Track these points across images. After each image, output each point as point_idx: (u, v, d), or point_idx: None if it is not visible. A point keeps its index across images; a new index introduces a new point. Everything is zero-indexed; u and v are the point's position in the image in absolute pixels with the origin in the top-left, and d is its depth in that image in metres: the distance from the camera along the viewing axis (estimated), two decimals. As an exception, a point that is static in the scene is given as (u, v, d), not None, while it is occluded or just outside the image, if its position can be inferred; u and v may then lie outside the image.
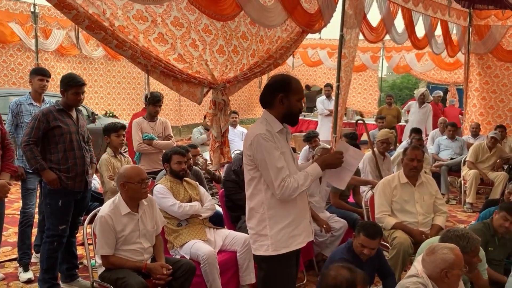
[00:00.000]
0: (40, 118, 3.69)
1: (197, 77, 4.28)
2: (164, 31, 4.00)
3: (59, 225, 3.77)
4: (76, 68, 11.40)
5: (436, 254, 2.63)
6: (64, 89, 3.78)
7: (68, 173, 3.76)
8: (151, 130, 5.26)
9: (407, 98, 19.36)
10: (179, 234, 3.78)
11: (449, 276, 2.57)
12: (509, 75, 8.89)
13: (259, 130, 2.61)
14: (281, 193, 2.56)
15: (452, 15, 8.06)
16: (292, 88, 2.66)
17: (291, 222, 2.67)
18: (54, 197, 3.75)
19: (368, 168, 5.56)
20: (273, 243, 2.64)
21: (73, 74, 3.95)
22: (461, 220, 6.41)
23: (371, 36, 6.72)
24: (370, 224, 3.45)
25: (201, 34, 4.29)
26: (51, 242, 3.77)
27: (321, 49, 14.89)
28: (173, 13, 4.06)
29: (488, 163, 7.01)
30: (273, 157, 2.55)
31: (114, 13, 3.67)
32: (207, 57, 4.32)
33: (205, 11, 3.96)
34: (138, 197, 3.32)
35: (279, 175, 2.55)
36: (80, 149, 3.85)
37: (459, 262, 2.58)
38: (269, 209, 2.65)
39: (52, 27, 10.24)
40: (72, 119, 3.85)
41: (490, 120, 9.07)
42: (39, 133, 3.67)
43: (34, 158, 3.67)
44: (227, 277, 3.71)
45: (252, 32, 4.79)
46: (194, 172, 4.74)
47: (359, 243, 3.30)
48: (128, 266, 3.21)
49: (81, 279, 4.11)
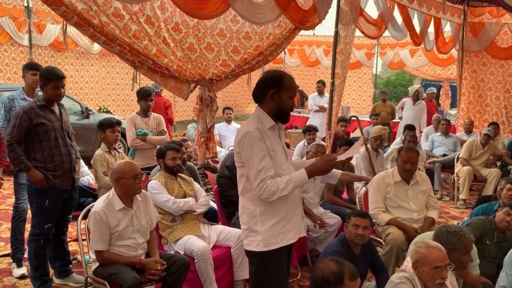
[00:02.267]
0: (22, 116, 3.54)
1: (182, 72, 4.28)
2: (139, 29, 3.99)
3: (45, 223, 3.68)
4: (74, 64, 11.34)
5: (414, 246, 2.67)
6: (43, 84, 3.63)
7: (55, 172, 3.65)
8: (145, 126, 5.25)
9: (401, 95, 19.40)
10: (173, 229, 3.79)
11: (419, 270, 2.59)
12: (503, 72, 8.94)
13: (249, 127, 2.60)
14: (258, 193, 2.55)
15: (446, 12, 8.09)
16: (284, 84, 2.63)
17: (282, 218, 2.66)
18: (41, 196, 3.65)
19: (361, 165, 5.59)
20: (264, 239, 2.64)
21: (52, 67, 3.81)
22: (454, 217, 6.46)
23: (370, 31, 6.68)
24: (358, 210, 3.59)
25: (170, 32, 4.30)
26: (37, 240, 3.71)
27: (317, 47, 14.90)
28: (146, 12, 4.06)
29: (481, 160, 7.06)
30: (256, 156, 2.54)
31: (98, 10, 3.64)
32: (180, 53, 4.32)
33: (186, 10, 3.94)
34: (132, 193, 3.32)
35: (259, 176, 2.53)
36: (66, 146, 3.74)
37: (429, 260, 2.57)
38: (260, 205, 2.65)
39: (46, 22, 10.16)
40: (56, 115, 3.72)
41: (486, 117, 9.12)
42: (21, 131, 3.54)
43: (18, 158, 3.54)
44: (221, 273, 3.72)
45: (233, 29, 4.78)
46: (188, 168, 4.74)
47: (352, 225, 3.33)
48: (122, 262, 3.21)
49: (75, 275, 4.09)
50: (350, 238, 3.35)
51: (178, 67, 4.18)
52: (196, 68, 4.42)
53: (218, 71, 4.60)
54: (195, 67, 4.41)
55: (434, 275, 2.57)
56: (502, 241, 3.69)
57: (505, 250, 3.50)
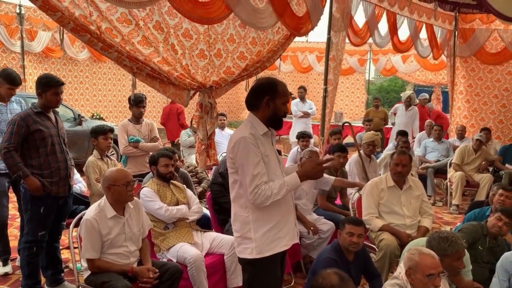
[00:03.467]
0: (19, 122, 3.55)
1: (182, 79, 4.27)
2: (147, 35, 3.98)
3: (39, 231, 3.66)
4: (61, 69, 11.32)
5: (407, 253, 2.66)
6: (41, 90, 3.63)
7: (52, 178, 3.65)
8: (137, 133, 5.21)
9: (394, 101, 19.54)
10: (166, 237, 3.76)
11: (412, 278, 2.59)
12: (492, 77, 9.02)
13: (243, 133, 2.60)
14: (253, 199, 2.55)
15: (438, 18, 8.16)
16: (278, 91, 2.65)
17: (275, 225, 2.66)
18: (36, 203, 3.63)
19: (354, 170, 5.60)
20: (257, 246, 2.64)
21: (50, 75, 3.84)
22: (447, 222, 6.47)
23: (356, 39, 6.78)
24: (352, 217, 3.56)
25: (180, 39, 4.28)
26: (30, 248, 3.68)
27: (310, 53, 14.97)
28: (155, 17, 4.05)
29: (473, 165, 7.10)
30: (251, 162, 2.54)
31: (100, 16, 3.64)
32: (187, 61, 4.31)
33: (189, 16, 3.92)
34: (124, 200, 3.29)
35: (254, 182, 2.53)
36: (62, 152, 3.76)
37: (423, 268, 2.56)
38: (253, 212, 2.64)
39: (37, 29, 10.14)
40: (52, 122, 3.74)
41: (474, 123, 9.20)
42: (19, 138, 3.54)
43: (16, 165, 3.54)
44: (214, 280, 3.69)
45: (241, 34, 4.78)
46: (181, 175, 4.72)
47: (346, 233, 3.32)
48: (114, 270, 3.17)
49: (67, 283, 4.06)
50: (344, 245, 3.35)
51: (180, 75, 4.16)
52: (201, 76, 4.41)
53: (219, 79, 4.59)
54: (200, 75, 4.39)
55: (427, 282, 2.56)
56: (494, 246, 3.70)
57: (497, 256, 3.51)
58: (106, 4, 3.62)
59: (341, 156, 5.01)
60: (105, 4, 3.64)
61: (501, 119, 9.04)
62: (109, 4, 3.62)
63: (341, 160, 5.04)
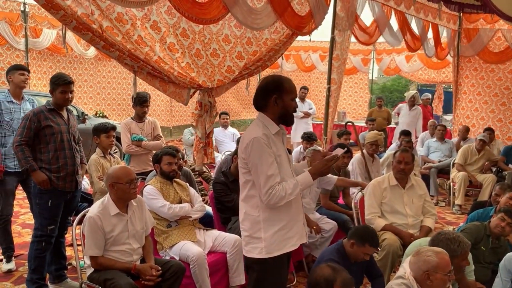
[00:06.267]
0: (31, 118, 3.69)
1: (182, 78, 4.27)
2: (143, 34, 3.99)
3: (48, 225, 3.76)
4: (65, 67, 11.33)
5: (420, 256, 2.65)
6: (52, 88, 3.79)
7: (59, 173, 3.76)
8: (140, 131, 5.21)
9: (397, 101, 19.50)
10: (169, 235, 3.77)
11: (431, 279, 2.59)
12: (493, 76, 9.00)
13: (256, 133, 2.59)
14: (267, 199, 2.55)
15: (442, 18, 8.14)
16: (285, 87, 2.65)
17: (285, 225, 2.66)
18: (43, 197, 3.74)
19: (357, 170, 5.59)
20: (266, 246, 2.64)
21: (61, 73, 3.95)
22: (450, 222, 6.47)
23: (364, 37, 6.73)
24: (373, 233, 3.35)
25: (179, 38, 4.29)
26: (39, 242, 3.76)
27: (313, 52, 14.95)
28: (152, 17, 4.06)
29: (476, 165, 7.09)
30: (265, 163, 2.54)
31: (101, 14, 3.64)
32: (188, 60, 4.31)
33: (187, 15, 3.93)
34: (127, 198, 3.31)
35: (268, 182, 2.53)
36: (71, 149, 3.86)
37: (443, 266, 2.58)
38: (263, 212, 2.64)
39: (42, 26, 10.17)
40: (63, 119, 3.86)
41: (475, 123, 9.18)
42: (30, 132, 3.68)
43: (25, 159, 3.67)
44: (216, 278, 3.71)
45: (237, 34, 4.78)
46: (184, 173, 4.72)
47: (363, 252, 3.26)
48: (117, 267, 3.19)
49: (70, 280, 4.08)
50: (354, 257, 3.31)
51: (179, 74, 4.17)
52: (202, 75, 4.41)
53: (223, 78, 4.59)
54: (201, 74, 4.40)
55: (446, 280, 2.60)
56: (497, 246, 3.70)
57: (499, 256, 3.51)
58: (105, 3, 3.62)
59: (345, 156, 5.01)
60: (104, 4, 3.64)
61: (500, 118, 9.02)
62: (108, 3, 3.62)
63: (345, 160, 5.05)
